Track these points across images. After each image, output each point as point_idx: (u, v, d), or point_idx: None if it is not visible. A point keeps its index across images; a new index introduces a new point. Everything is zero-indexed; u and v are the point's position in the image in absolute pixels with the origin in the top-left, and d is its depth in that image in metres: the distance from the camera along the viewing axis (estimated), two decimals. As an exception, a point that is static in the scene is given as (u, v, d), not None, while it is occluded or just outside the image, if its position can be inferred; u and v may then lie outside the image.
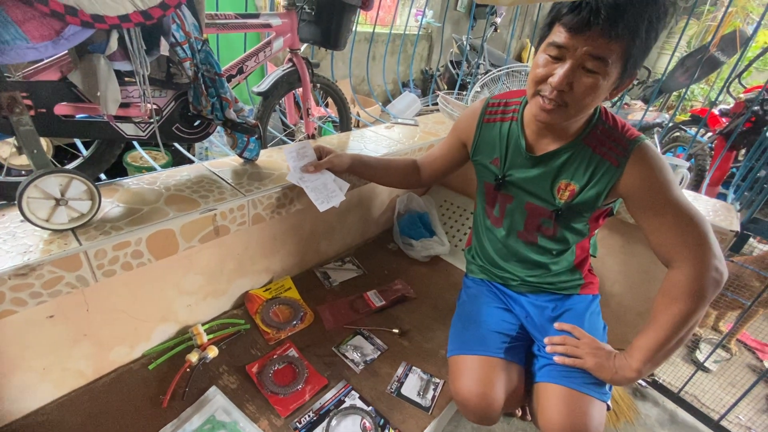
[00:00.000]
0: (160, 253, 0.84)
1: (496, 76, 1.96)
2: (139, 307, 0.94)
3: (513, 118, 0.94)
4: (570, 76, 0.72)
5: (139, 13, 0.74)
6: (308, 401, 0.94)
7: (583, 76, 0.72)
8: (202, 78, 0.92)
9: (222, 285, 1.11)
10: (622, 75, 0.74)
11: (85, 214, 0.77)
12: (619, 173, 0.82)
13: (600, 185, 0.84)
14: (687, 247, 0.77)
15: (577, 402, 0.83)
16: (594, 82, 0.72)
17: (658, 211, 0.80)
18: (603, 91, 0.74)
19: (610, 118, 0.86)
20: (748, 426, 1.48)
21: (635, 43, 0.69)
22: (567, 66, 0.72)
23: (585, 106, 0.76)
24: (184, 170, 1.05)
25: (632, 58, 0.71)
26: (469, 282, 1.14)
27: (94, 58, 0.75)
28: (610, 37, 0.68)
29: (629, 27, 0.67)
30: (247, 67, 1.19)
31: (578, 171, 0.86)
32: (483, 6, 4.76)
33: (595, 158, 0.84)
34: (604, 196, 0.85)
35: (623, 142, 0.82)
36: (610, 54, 0.69)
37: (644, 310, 1.34)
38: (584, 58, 0.70)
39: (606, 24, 0.67)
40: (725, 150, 1.81)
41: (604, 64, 0.70)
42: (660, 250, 0.82)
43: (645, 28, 0.69)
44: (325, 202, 0.99)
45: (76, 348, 0.87)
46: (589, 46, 0.69)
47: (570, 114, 0.77)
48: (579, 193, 0.87)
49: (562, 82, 0.72)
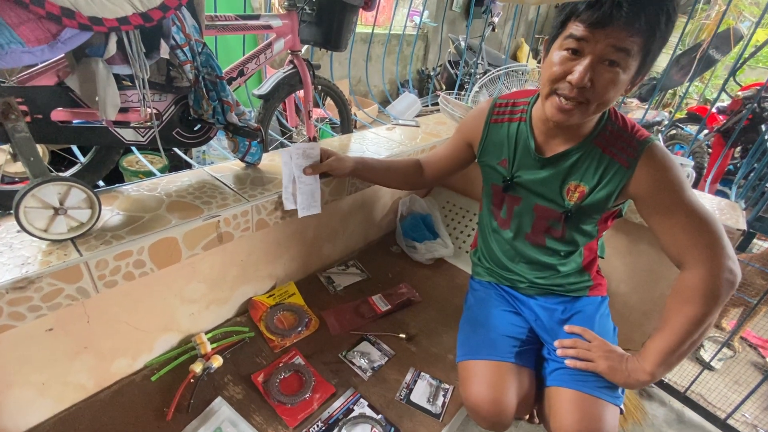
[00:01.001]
0: (162, 262, 0.82)
1: (495, 76, 1.95)
2: (141, 318, 0.91)
3: (521, 119, 0.92)
4: (591, 70, 0.70)
5: (139, 15, 0.72)
6: (316, 410, 0.92)
7: (604, 70, 0.70)
8: (203, 81, 0.89)
9: (225, 292, 1.09)
10: (640, 69, 0.73)
11: (85, 223, 0.75)
12: (630, 174, 0.81)
13: (610, 186, 0.83)
14: (699, 248, 0.76)
15: (590, 406, 0.82)
16: (615, 77, 0.70)
17: (669, 212, 0.79)
18: (623, 86, 0.73)
19: (619, 118, 0.85)
20: (755, 424, 1.48)
21: (655, 36, 0.69)
22: (587, 61, 0.70)
23: (606, 102, 0.74)
24: (185, 176, 1.02)
25: (651, 53, 0.71)
26: (476, 284, 1.13)
27: (92, 62, 0.72)
28: (631, 30, 0.67)
29: (650, 20, 0.67)
30: (248, 70, 1.16)
31: (588, 172, 0.85)
32: (479, 6, 4.76)
33: (605, 159, 0.83)
34: (614, 198, 0.84)
35: (633, 142, 0.81)
36: (632, 46, 0.68)
37: (650, 310, 1.33)
38: (606, 51, 0.69)
39: (628, 17, 0.66)
40: (726, 148, 1.81)
41: (626, 55, 0.69)
42: (672, 252, 0.81)
43: (664, 21, 0.68)
44: (306, 210, 1.01)
45: (77, 361, 0.84)
46: (612, 39, 0.68)
47: (590, 111, 0.75)
48: (589, 195, 0.86)
49: (583, 77, 0.70)
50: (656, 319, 1.34)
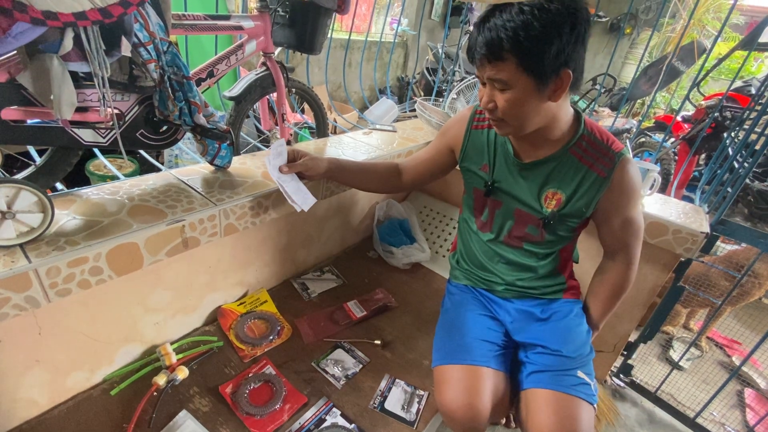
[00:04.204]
0: (122, 269, 0.78)
1: (471, 83, 1.98)
2: (100, 328, 0.86)
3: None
4: (490, 96, 0.80)
5: (97, 10, 0.69)
6: (287, 422, 0.89)
7: (499, 94, 0.78)
8: (168, 81, 0.86)
9: (192, 300, 1.05)
10: (537, 82, 0.74)
11: (36, 228, 0.70)
12: (607, 184, 0.86)
13: (589, 195, 0.88)
14: (630, 250, 0.95)
15: (566, 405, 0.84)
16: (509, 97, 0.77)
17: (621, 215, 0.90)
18: (527, 101, 0.77)
19: (595, 129, 0.88)
20: (722, 422, 1.52)
21: (525, 57, 0.72)
22: (487, 89, 0.81)
23: (518, 117, 0.80)
24: (149, 179, 0.98)
25: (534, 68, 0.73)
26: (453, 288, 1.13)
27: (46, 58, 0.69)
28: (492, 63, 0.75)
29: (507, 49, 0.72)
30: (217, 71, 1.14)
31: (565, 180, 0.88)
32: (457, 15, 4.85)
33: (582, 168, 0.87)
34: (593, 206, 0.89)
35: (610, 153, 0.86)
36: (504, 74, 0.75)
37: (621, 311, 1.35)
38: (491, 82, 0.78)
39: (485, 54, 0.75)
40: (690, 155, 1.89)
41: (504, 84, 0.76)
42: (608, 245, 0.98)
43: (529, 43, 0.71)
44: (305, 204, 0.98)
45: (28, 375, 0.79)
46: (487, 73, 0.77)
47: (515, 126, 0.82)
48: (567, 203, 0.89)
49: (486, 102, 0.81)
50: (627, 320, 1.36)
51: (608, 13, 6.14)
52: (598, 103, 4.68)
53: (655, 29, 1.86)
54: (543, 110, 0.80)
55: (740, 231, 1.24)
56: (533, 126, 0.82)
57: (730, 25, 5.16)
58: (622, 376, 1.62)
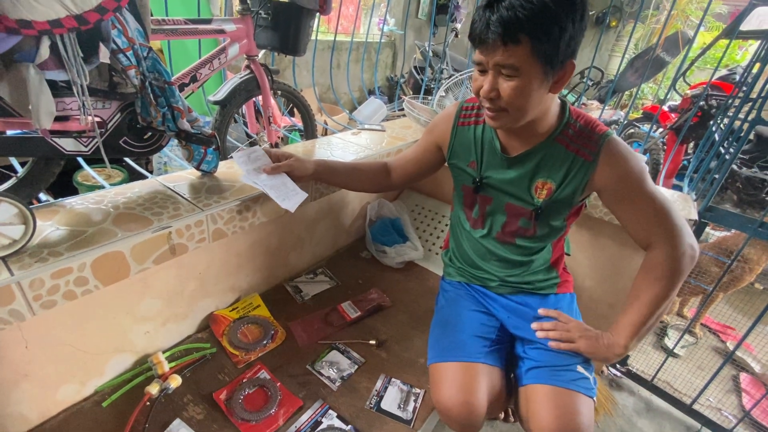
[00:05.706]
0: (108, 278, 0.77)
1: (459, 80, 1.98)
2: (89, 339, 0.85)
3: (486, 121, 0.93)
4: (494, 84, 0.75)
5: (73, 17, 0.68)
6: (282, 426, 0.88)
7: (504, 81, 0.75)
8: (150, 87, 0.85)
9: (183, 308, 1.03)
10: (546, 70, 0.73)
11: (18, 240, 0.69)
12: (594, 167, 0.84)
13: (576, 181, 0.86)
14: (663, 229, 0.83)
15: (566, 401, 0.83)
16: (516, 85, 0.74)
17: (633, 200, 0.84)
18: (534, 90, 0.74)
19: (581, 117, 0.87)
20: (719, 407, 1.54)
21: (540, 41, 0.69)
22: (489, 76, 0.76)
23: (522, 107, 0.77)
24: (135, 186, 0.97)
25: (546, 54, 0.71)
26: (447, 285, 1.12)
27: (22, 67, 0.67)
28: (506, 45, 0.70)
29: (526, 30, 0.68)
30: (201, 75, 1.13)
31: (553, 169, 0.87)
32: (443, 13, 4.86)
33: (570, 156, 0.86)
34: (580, 192, 0.87)
35: (594, 137, 0.84)
36: (516, 59, 0.71)
37: (615, 301, 1.36)
38: (497, 68, 0.74)
39: (499, 35, 0.69)
40: (677, 144, 1.91)
41: (514, 70, 0.72)
42: (638, 236, 0.87)
43: (546, 26, 0.68)
44: (287, 200, 0.93)
45: (16, 391, 0.78)
46: (497, 57, 0.72)
47: (514, 117, 0.79)
48: (556, 190, 0.88)
49: (488, 91, 0.76)
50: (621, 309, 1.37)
51: (594, 7, 6.19)
52: (587, 95, 4.71)
53: (638, 21, 1.87)
54: (542, 101, 0.79)
55: (728, 217, 1.25)
56: (530, 117, 0.80)
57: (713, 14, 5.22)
58: (619, 365, 1.63)
